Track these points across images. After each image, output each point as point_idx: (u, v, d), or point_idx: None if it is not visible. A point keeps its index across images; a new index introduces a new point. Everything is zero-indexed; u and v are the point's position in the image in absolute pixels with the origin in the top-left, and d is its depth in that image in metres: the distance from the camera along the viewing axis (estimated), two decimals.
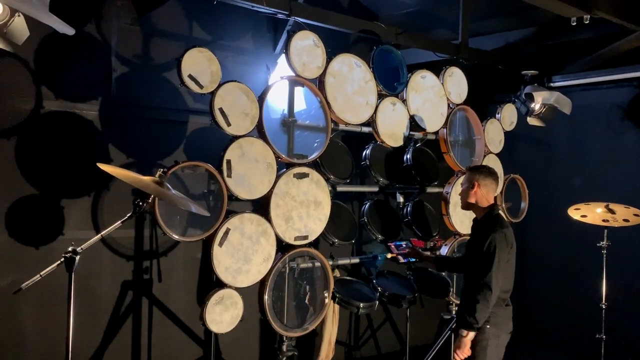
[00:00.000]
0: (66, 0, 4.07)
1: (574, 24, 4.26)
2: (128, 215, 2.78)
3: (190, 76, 3.54)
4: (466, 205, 3.80)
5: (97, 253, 4.34)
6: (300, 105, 4.15)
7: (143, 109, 4.56)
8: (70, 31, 3.35)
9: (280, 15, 4.16)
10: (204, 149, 4.37)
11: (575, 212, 5.11)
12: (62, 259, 2.65)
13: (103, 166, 2.64)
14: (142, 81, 4.56)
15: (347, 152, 4.47)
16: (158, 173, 2.79)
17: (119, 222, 2.77)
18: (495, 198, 3.83)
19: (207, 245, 3.67)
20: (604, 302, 5.02)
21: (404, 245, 4.53)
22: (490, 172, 3.76)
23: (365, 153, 4.56)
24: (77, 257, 2.66)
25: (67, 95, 4.20)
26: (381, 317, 5.95)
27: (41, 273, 2.65)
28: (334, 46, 4.29)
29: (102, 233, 2.76)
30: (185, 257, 4.78)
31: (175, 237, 3.51)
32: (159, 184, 2.73)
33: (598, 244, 5.08)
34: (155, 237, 4.60)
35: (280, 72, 4.58)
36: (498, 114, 5.40)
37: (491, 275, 3.42)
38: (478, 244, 3.57)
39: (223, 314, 3.67)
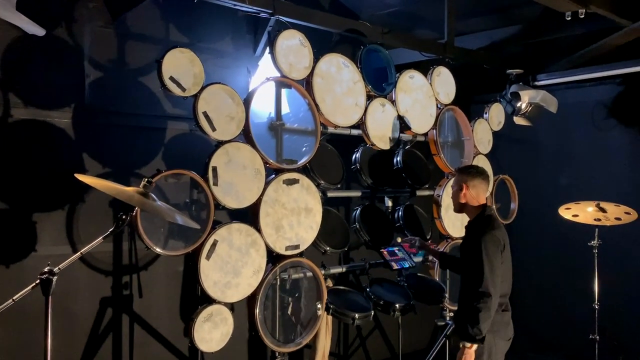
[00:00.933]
0: (35, 2, 3.83)
1: (569, 18, 4.13)
2: (110, 230, 2.52)
3: (171, 78, 3.29)
4: (459, 208, 3.65)
5: (72, 269, 3.90)
6: (287, 107, 3.93)
7: (118, 115, 4.28)
8: (40, 32, 3.11)
9: (263, 14, 3.95)
10: (184, 156, 4.16)
11: (567, 212, 5.00)
12: (38, 281, 2.36)
13: (81, 177, 2.37)
14: (117, 87, 4.29)
15: (337, 156, 4.26)
16: (143, 183, 2.53)
17: (100, 238, 2.51)
18: (487, 198, 3.67)
19: (190, 258, 3.42)
20: (596, 302, 4.90)
21: (397, 252, 4.34)
22: (478, 172, 3.60)
23: (355, 156, 4.35)
24: (54, 279, 2.37)
25: (37, 103, 3.92)
26: (370, 325, 5.73)
27: (14, 297, 2.37)
28: (315, 47, 4.08)
29: (81, 251, 2.50)
30: (167, 271, 4.52)
31: (160, 251, 3.25)
32: (143, 195, 2.47)
33: (589, 244, 4.98)
34: (135, 250, 4.32)
35: (261, 75, 4.36)
36: (486, 113, 5.26)
37: (487, 281, 3.26)
38: (470, 248, 3.42)
39: (212, 332, 3.42)
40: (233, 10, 3.92)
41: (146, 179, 2.54)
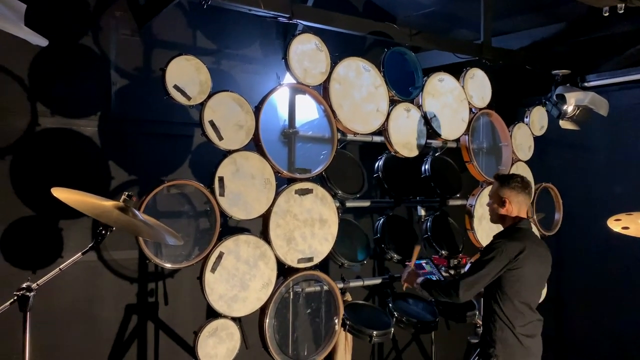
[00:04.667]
0: (60, 12, 3.77)
1: (607, 14, 3.64)
2: (89, 246, 2.35)
3: (175, 87, 3.11)
4: (496, 220, 3.28)
5: (97, 276, 3.99)
6: (302, 115, 3.66)
7: (145, 123, 4.17)
8: (43, 42, 2.99)
9: (281, 19, 3.71)
10: (211, 164, 3.99)
11: (616, 224, 4.42)
12: (14, 298, 2.23)
13: (57, 192, 2.20)
14: (143, 94, 4.16)
15: (357, 165, 3.96)
16: (122, 197, 2.34)
17: (79, 253, 2.35)
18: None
19: None
20: None
21: (424, 265, 3.99)
22: (523, 186, 3.19)
23: (378, 165, 4.03)
24: (32, 295, 2.22)
25: (63, 112, 3.85)
26: (407, 337, 5.38)
27: None
28: (348, 52, 3.84)
29: (60, 266, 2.34)
30: (193, 278, 4.29)
31: (160, 262, 3.08)
32: (123, 211, 2.28)
33: None
34: (162, 255, 4.21)
35: (291, 81, 4.15)
36: (527, 117, 4.80)
37: (467, 280, 2.98)
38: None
39: (217, 347, 3.21)
40: (261, 16, 3.71)
41: (126, 193, 2.35)
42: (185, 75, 3.14)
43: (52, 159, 3.80)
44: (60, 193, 2.17)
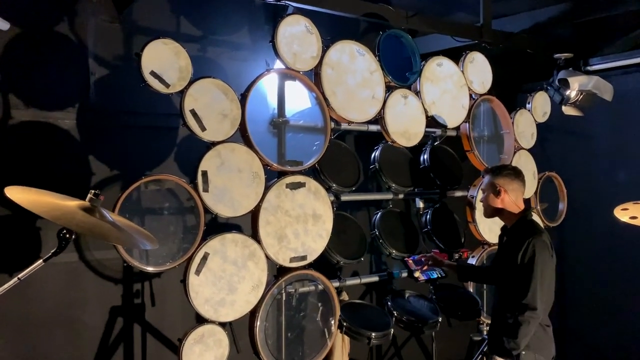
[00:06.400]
0: None
1: None
2: (52, 252, 2.04)
3: (153, 73, 2.81)
4: (492, 213, 3.10)
5: (79, 278, 3.72)
6: (293, 103, 3.36)
7: (126, 115, 3.85)
8: (4, 26, 2.68)
9: (269, 1, 3.40)
10: (199, 156, 3.74)
11: (623, 214, 4.15)
12: None
13: (10, 191, 1.89)
14: (124, 84, 3.85)
15: (352, 156, 3.66)
16: (89, 196, 2.03)
17: (40, 260, 2.04)
18: (527, 201, 3.05)
19: None
20: None
21: (424, 261, 3.71)
22: (516, 174, 3.06)
23: (374, 155, 3.73)
24: None
25: (39, 104, 3.54)
26: (407, 333, 5.11)
27: None
28: (342, 36, 3.54)
29: (19, 276, 2.03)
30: (181, 278, 4.09)
31: (138, 265, 2.79)
32: (88, 212, 1.97)
33: None
34: (146, 256, 3.92)
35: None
36: (529, 103, 4.51)
37: (535, 293, 2.74)
38: (512, 255, 2.87)
39: (204, 355, 2.92)
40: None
41: (92, 192, 2.04)
42: (163, 61, 2.83)
43: (27, 155, 3.50)
44: (14, 193, 1.87)
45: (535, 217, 4.38)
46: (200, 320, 3.02)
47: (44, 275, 3.63)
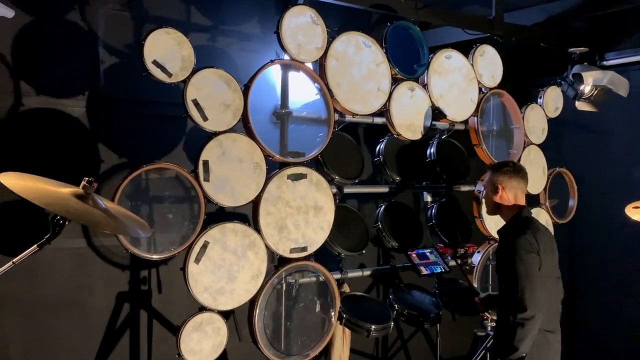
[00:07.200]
0: None
1: None
2: (46, 237, 2.05)
3: (155, 62, 2.81)
4: (492, 210, 3.07)
5: (87, 263, 3.74)
6: (297, 94, 3.32)
7: (136, 103, 3.87)
8: (9, 13, 2.69)
9: None
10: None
11: (635, 212, 4.07)
12: None
13: (3, 177, 1.90)
14: (134, 73, 3.79)
15: (356, 148, 3.62)
16: (82, 183, 2.04)
17: (35, 245, 2.05)
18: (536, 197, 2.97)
19: None
20: None
21: (428, 254, 3.67)
22: (515, 171, 2.99)
23: (379, 148, 3.69)
24: None
25: (49, 91, 3.57)
26: (412, 327, 5.07)
27: None
28: (353, 28, 3.51)
29: (14, 260, 2.04)
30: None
31: (138, 252, 2.80)
32: (81, 199, 1.97)
33: None
34: (154, 242, 3.94)
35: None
36: (540, 98, 4.41)
37: (523, 294, 2.64)
38: (498, 255, 2.88)
39: (202, 342, 2.93)
40: None
41: (86, 179, 2.04)
42: (166, 50, 2.83)
43: (38, 141, 3.54)
44: (8, 179, 1.87)
45: (542, 214, 4.36)
46: (201, 308, 3.03)
47: (53, 260, 3.69)
